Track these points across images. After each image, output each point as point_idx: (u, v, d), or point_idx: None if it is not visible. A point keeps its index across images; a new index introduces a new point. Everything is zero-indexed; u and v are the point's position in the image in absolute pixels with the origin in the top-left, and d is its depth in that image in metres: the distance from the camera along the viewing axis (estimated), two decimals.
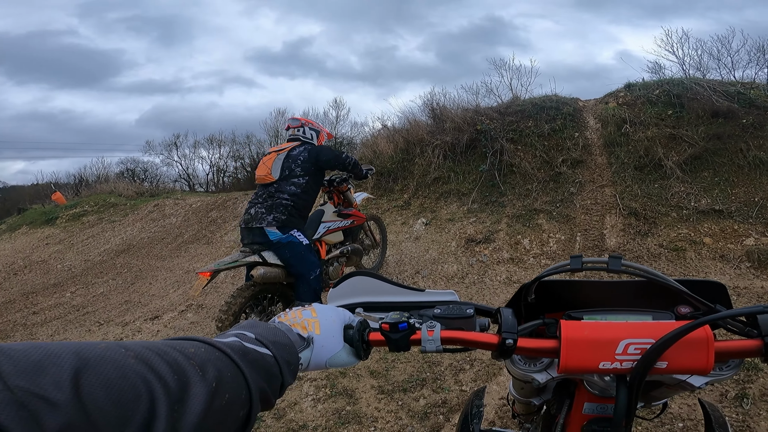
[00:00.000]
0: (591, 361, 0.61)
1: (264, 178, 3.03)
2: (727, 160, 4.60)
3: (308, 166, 3.04)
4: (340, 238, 3.56)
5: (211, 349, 0.43)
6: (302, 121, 3.27)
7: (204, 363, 0.40)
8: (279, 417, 2.32)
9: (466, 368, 2.63)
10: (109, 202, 9.21)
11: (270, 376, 0.50)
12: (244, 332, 0.53)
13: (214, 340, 0.46)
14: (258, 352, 0.50)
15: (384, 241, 4.49)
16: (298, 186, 3.00)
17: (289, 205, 2.95)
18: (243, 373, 0.44)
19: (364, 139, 8.52)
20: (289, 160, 3.04)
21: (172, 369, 0.36)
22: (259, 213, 2.94)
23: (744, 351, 0.61)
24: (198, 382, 0.38)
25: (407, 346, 0.68)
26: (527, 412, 1.21)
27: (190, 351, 0.40)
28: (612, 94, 6.21)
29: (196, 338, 0.45)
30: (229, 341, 0.48)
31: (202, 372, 0.39)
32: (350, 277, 0.82)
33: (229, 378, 0.42)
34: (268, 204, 2.95)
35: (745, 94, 5.08)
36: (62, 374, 0.29)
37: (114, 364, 0.33)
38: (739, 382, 2.25)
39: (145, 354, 0.36)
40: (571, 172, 5.16)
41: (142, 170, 17.77)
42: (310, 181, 3.05)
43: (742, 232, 3.90)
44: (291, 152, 3.07)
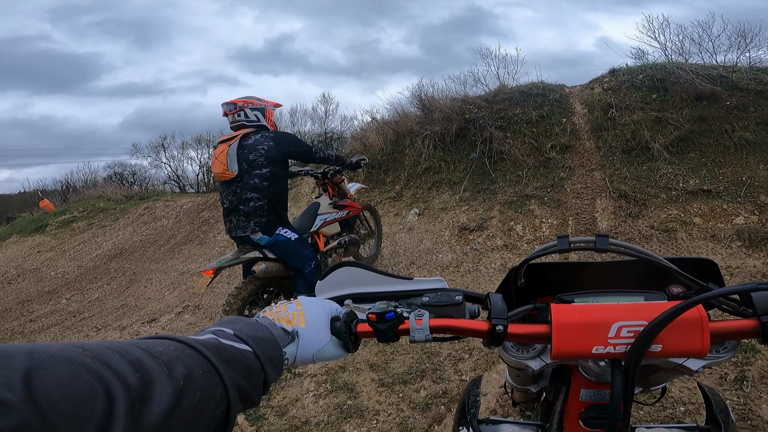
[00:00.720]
0: (583, 346, 0.59)
1: (222, 175, 2.77)
2: (713, 141, 4.66)
3: (273, 155, 2.78)
4: (337, 229, 3.57)
5: (181, 347, 0.43)
6: (239, 104, 2.84)
7: (171, 361, 0.39)
8: (281, 414, 2.34)
9: (465, 357, 2.67)
10: (98, 206, 9.10)
11: (250, 373, 0.49)
12: (222, 329, 0.52)
13: (187, 338, 0.45)
14: (236, 348, 0.49)
15: (379, 229, 4.53)
16: (263, 178, 2.76)
17: (263, 204, 2.77)
18: (217, 370, 0.44)
19: (354, 133, 8.49)
20: (244, 150, 2.74)
21: (134, 367, 0.36)
22: (239, 222, 2.82)
23: (740, 331, 0.59)
24: (163, 380, 0.37)
25: (395, 336, 0.66)
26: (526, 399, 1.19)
27: (157, 350, 0.40)
28: (597, 80, 6.24)
29: (167, 336, 0.44)
30: (204, 338, 0.47)
31: (169, 370, 0.38)
32: (338, 268, 0.80)
33: (200, 376, 0.41)
34: (242, 210, 2.78)
35: (727, 77, 5.14)
36: (13, 375, 0.29)
37: (68, 363, 0.32)
38: (738, 364, 2.25)
39: (103, 353, 0.35)
40: (560, 157, 5.20)
41: (131, 173, 17.53)
42: (274, 169, 2.80)
43: (731, 211, 3.97)
44: (243, 141, 2.76)
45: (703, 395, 0.90)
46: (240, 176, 2.75)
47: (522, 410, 1.28)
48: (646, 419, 1.96)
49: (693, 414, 1.97)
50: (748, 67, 5.41)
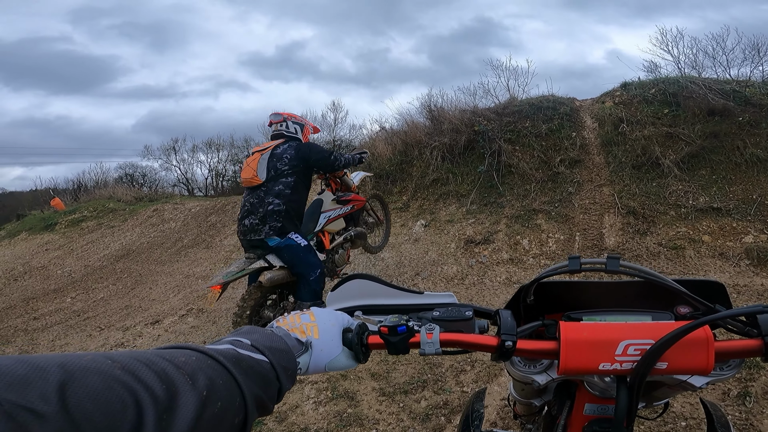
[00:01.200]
0: (591, 363, 0.61)
1: (251, 180, 2.94)
2: (724, 158, 4.61)
3: (296, 163, 2.94)
4: (342, 224, 3.52)
5: (202, 357, 0.44)
6: (284, 116, 3.15)
7: (194, 371, 0.40)
8: (281, 420, 2.33)
9: (467, 369, 2.64)
10: (108, 207, 9.20)
11: (266, 382, 0.50)
12: (240, 339, 0.53)
13: (207, 348, 0.46)
14: (253, 358, 0.50)
15: (387, 218, 4.45)
16: (286, 186, 2.91)
17: (282, 210, 2.87)
18: (236, 381, 0.45)
19: (363, 142, 8.53)
20: (273, 159, 2.93)
21: (160, 378, 0.37)
22: (254, 224, 2.89)
23: (744, 351, 0.61)
24: (188, 390, 0.38)
25: (406, 349, 0.67)
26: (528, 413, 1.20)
27: (180, 360, 0.41)
28: (608, 94, 6.23)
29: (188, 346, 0.45)
30: (223, 348, 0.48)
31: (192, 380, 0.39)
32: (349, 280, 0.82)
33: (221, 386, 0.42)
34: (260, 213, 2.88)
35: (740, 92, 5.10)
36: (48, 387, 0.30)
37: (99, 375, 0.33)
38: (741, 380, 2.24)
39: (131, 364, 0.36)
40: (569, 171, 5.18)
41: (141, 175, 17.74)
42: (298, 179, 2.96)
43: (740, 229, 3.92)
44: (275, 150, 2.96)
45: (705, 410, 0.91)
46: (266, 182, 2.91)
47: (523, 423, 1.29)
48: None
49: (694, 429, 1.97)
50: (761, 81, 5.37)
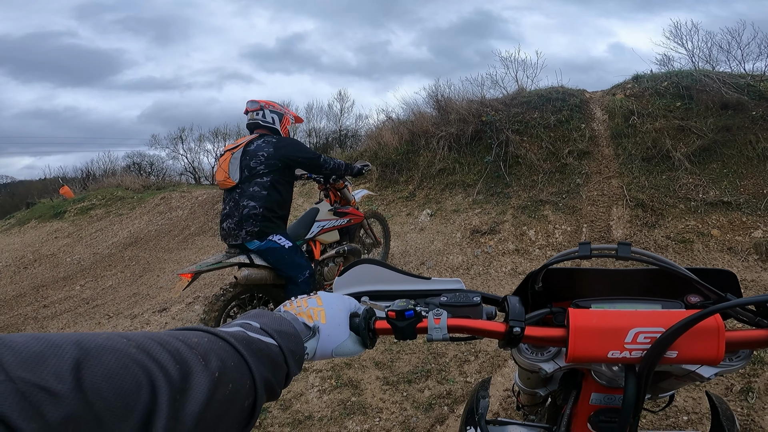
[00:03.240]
0: (599, 350, 0.60)
1: (224, 182, 2.75)
2: (736, 152, 4.54)
3: (273, 162, 2.71)
4: (336, 237, 3.37)
5: (214, 339, 0.43)
6: (261, 104, 2.89)
7: (207, 352, 0.40)
8: (285, 408, 2.35)
9: (470, 359, 2.64)
10: (116, 195, 9.28)
11: (275, 366, 0.49)
12: (249, 322, 0.53)
13: (218, 330, 0.46)
14: (263, 341, 0.50)
15: (387, 239, 4.33)
16: (262, 186, 2.69)
17: (258, 213, 2.68)
18: (247, 363, 0.44)
19: (369, 131, 8.50)
20: (246, 157, 2.71)
21: (174, 358, 0.36)
22: (231, 229, 2.73)
23: (754, 341, 0.60)
24: (200, 371, 0.38)
25: (413, 334, 0.67)
26: (532, 403, 1.20)
27: (193, 341, 0.40)
28: (619, 86, 6.14)
29: (199, 328, 0.45)
30: (233, 331, 0.48)
31: (205, 361, 0.39)
32: (356, 265, 0.81)
33: (232, 368, 0.42)
34: (236, 217, 2.70)
35: (754, 86, 5.01)
36: (63, 365, 0.29)
37: (115, 353, 0.32)
38: (744, 375, 2.23)
39: (146, 344, 0.36)
40: (577, 163, 5.12)
41: (149, 164, 17.84)
42: (276, 178, 2.73)
43: (750, 224, 3.86)
44: (247, 148, 2.74)
45: (710, 403, 0.91)
46: (240, 183, 2.71)
47: (526, 414, 1.29)
48: (649, 427, 1.95)
49: (695, 423, 1.96)
50: None
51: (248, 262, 2.73)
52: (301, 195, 6.78)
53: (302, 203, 6.48)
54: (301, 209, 6.15)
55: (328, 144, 15.20)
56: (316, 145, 15.58)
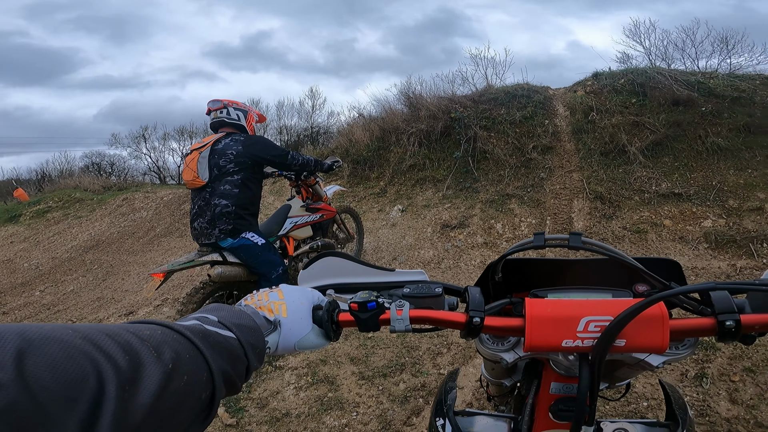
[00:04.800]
0: (554, 339, 0.61)
1: (193, 182, 2.73)
2: (687, 146, 4.83)
3: (242, 160, 2.71)
4: (309, 233, 3.41)
5: (168, 332, 0.43)
6: (224, 102, 2.87)
7: (159, 345, 0.40)
8: (262, 406, 2.37)
9: (443, 352, 2.73)
10: (74, 197, 8.86)
11: (234, 359, 0.49)
12: (207, 315, 0.53)
13: (173, 323, 0.46)
14: (220, 334, 0.49)
15: (360, 233, 4.40)
16: (233, 185, 2.69)
17: (231, 211, 2.67)
18: (203, 355, 0.44)
19: (340, 128, 8.49)
20: (214, 156, 2.69)
21: (124, 350, 0.36)
22: (203, 228, 2.71)
23: (698, 329, 0.61)
24: (152, 363, 0.38)
25: (376, 325, 0.67)
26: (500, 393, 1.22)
27: (145, 333, 0.40)
28: (580, 83, 6.38)
29: (153, 321, 0.45)
30: (189, 324, 0.48)
31: (158, 353, 0.39)
32: (321, 258, 0.80)
33: (187, 359, 0.42)
34: (208, 216, 2.69)
35: (704, 83, 5.31)
36: (5, 355, 0.29)
37: (60, 344, 0.32)
38: (698, 362, 2.33)
39: (94, 335, 0.35)
40: (541, 158, 5.31)
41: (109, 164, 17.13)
42: (246, 175, 2.74)
43: (700, 214, 4.13)
44: (215, 146, 2.72)
45: (663, 392, 0.93)
46: (210, 182, 2.69)
47: (496, 405, 1.32)
48: (612, 414, 2.03)
49: (655, 409, 2.05)
50: (727, 73, 5.59)
51: (221, 260, 2.72)
52: (272, 193, 6.70)
53: (273, 201, 6.42)
54: (272, 207, 6.09)
55: (299, 141, 15.03)
56: (288, 142, 15.37)
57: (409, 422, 2.16)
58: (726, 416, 1.98)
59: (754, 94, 4.95)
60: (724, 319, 0.58)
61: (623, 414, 2.05)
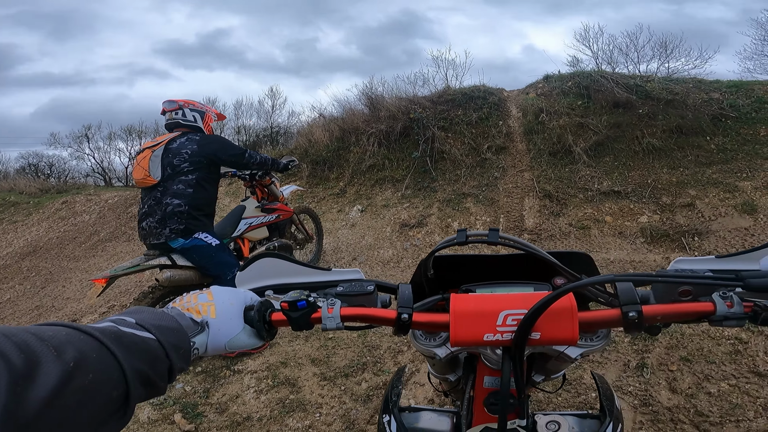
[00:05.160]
0: (477, 334, 0.62)
1: (143, 181, 2.63)
2: (625, 146, 5.18)
3: (198, 159, 2.63)
4: (265, 233, 3.36)
5: (74, 332, 0.44)
6: (180, 103, 2.80)
7: (61, 344, 0.41)
8: (221, 411, 2.32)
9: (404, 350, 2.79)
10: (8, 200, 8.19)
11: (152, 359, 0.50)
12: (124, 318, 0.53)
13: (82, 325, 0.46)
14: (137, 335, 0.50)
15: (319, 234, 4.38)
16: (187, 184, 2.61)
17: (183, 210, 2.58)
18: (114, 354, 0.45)
19: (300, 129, 8.37)
20: (168, 155, 2.61)
21: (20, 348, 0.37)
22: (152, 227, 2.60)
23: (605, 320, 0.62)
24: (51, 361, 0.39)
25: (309, 324, 0.67)
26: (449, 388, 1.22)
27: (46, 334, 0.41)
28: (532, 86, 6.67)
29: (59, 323, 0.45)
30: (101, 326, 0.48)
31: (58, 352, 0.40)
32: (258, 259, 0.80)
33: (94, 359, 0.43)
34: (158, 215, 2.58)
35: (642, 86, 5.70)
36: None
37: None
38: (638, 352, 2.42)
39: None
40: (495, 158, 5.51)
41: (47, 165, 15.90)
42: (201, 175, 2.66)
43: (637, 211, 4.45)
44: (170, 145, 2.64)
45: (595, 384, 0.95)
46: (163, 182, 2.61)
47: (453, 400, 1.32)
48: (564, 405, 2.11)
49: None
50: (663, 77, 6.02)
51: (170, 264, 2.62)
52: (228, 194, 6.51)
53: (229, 203, 6.23)
54: (227, 209, 5.91)
55: (258, 141, 14.64)
56: (246, 142, 14.93)
57: (372, 421, 2.20)
58: (667, 405, 2.05)
59: (687, 97, 5.37)
60: (627, 310, 0.60)
61: (573, 405, 2.11)
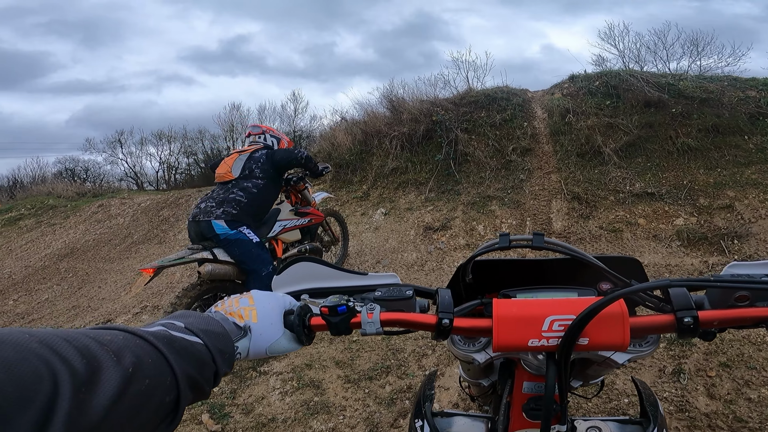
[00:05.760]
0: (521, 339, 0.62)
1: (224, 176, 3.03)
2: (658, 146, 5.00)
3: (267, 168, 3.05)
4: (298, 236, 3.51)
5: (130, 337, 0.44)
6: (263, 129, 3.33)
7: (120, 349, 0.41)
8: (247, 412, 2.35)
9: (428, 354, 2.75)
10: (47, 204, 8.59)
11: (201, 364, 0.50)
12: (173, 321, 0.53)
13: (136, 329, 0.46)
14: (187, 340, 0.50)
15: (345, 236, 4.48)
16: (255, 186, 2.99)
17: (243, 201, 2.90)
18: (167, 360, 0.45)
19: (323, 132, 8.47)
20: (250, 161, 3.05)
21: (81, 354, 0.37)
22: (208, 206, 2.87)
23: (657, 326, 0.62)
24: (111, 366, 0.38)
25: (348, 329, 0.67)
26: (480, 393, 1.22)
27: (105, 338, 0.41)
28: (558, 86, 6.53)
29: (116, 327, 0.46)
30: (154, 330, 0.49)
31: (117, 357, 0.40)
32: (294, 263, 0.81)
33: (150, 364, 0.43)
34: (220, 198, 2.90)
35: (674, 85, 5.50)
36: None
37: (14, 347, 0.33)
38: (675, 357, 2.36)
39: (51, 339, 0.36)
40: (520, 160, 5.42)
41: (83, 169, 16.65)
42: (268, 183, 3.05)
43: (672, 213, 4.28)
44: (253, 154, 3.09)
45: (636, 389, 0.94)
46: (238, 179, 3.00)
47: (480, 404, 1.32)
48: (595, 411, 2.06)
49: (636, 406, 2.05)
50: (696, 75, 5.80)
51: (211, 258, 2.75)
52: None
53: None
54: None
55: None
56: None
57: (396, 424, 2.18)
58: (705, 411, 2.00)
59: (722, 95, 5.15)
60: (682, 316, 0.60)
61: (605, 411, 2.06)
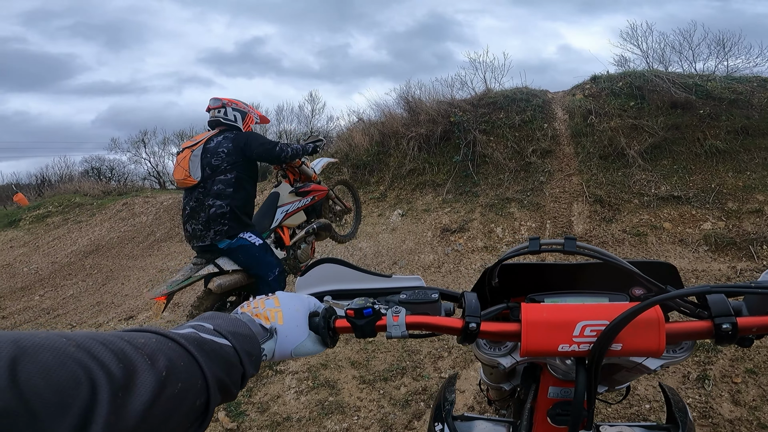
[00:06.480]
0: (550, 344, 0.61)
1: (184, 181, 2.65)
2: (685, 148, 4.85)
3: (234, 158, 2.62)
4: (303, 218, 3.24)
5: (163, 340, 0.44)
6: (223, 101, 2.80)
7: (154, 352, 0.41)
8: (263, 410, 2.36)
9: (444, 356, 2.72)
10: (74, 202, 8.87)
11: (229, 367, 0.50)
12: (202, 323, 0.53)
13: (168, 331, 0.46)
14: (216, 342, 0.50)
15: (357, 206, 4.19)
16: (227, 184, 2.61)
17: (225, 211, 2.59)
18: (198, 363, 0.45)
19: (340, 133, 8.51)
20: (206, 155, 2.62)
21: (118, 358, 0.37)
22: (197, 230, 2.63)
23: (694, 332, 0.61)
24: (146, 370, 0.38)
25: (373, 332, 0.67)
26: (499, 397, 1.21)
27: (139, 341, 0.41)
28: (579, 86, 6.41)
29: (148, 329, 0.45)
30: (185, 332, 0.48)
31: (152, 361, 0.40)
32: (318, 264, 0.81)
33: (182, 367, 0.42)
34: (202, 218, 2.61)
35: (702, 85, 5.33)
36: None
37: (53, 351, 0.33)
38: (700, 363, 2.32)
39: (87, 343, 0.36)
40: (540, 161, 5.33)
41: (108, 168, 17.10)
42: (240, 174, 2.65)
43: (699, 217, 4.14)
44: (207, 145, 2.65)
45: (664, 395, 0.93)
46: (203, 182, 2.62)
47: (497, 408, 1.31)
48: (614, 416, 2.03)
49: (657, 411, 2.04)
50: (724, 76, 5.60)
51: (218, 271, 2.66)
52: None
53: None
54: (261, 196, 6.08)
55: None
56: None
57: (410, 426, 2.16)
58: (729, 418, 1.98)
59: (752, 96, 4.97)
60: (720, 322, 0.58)
61: (626, 417, 2.04)
